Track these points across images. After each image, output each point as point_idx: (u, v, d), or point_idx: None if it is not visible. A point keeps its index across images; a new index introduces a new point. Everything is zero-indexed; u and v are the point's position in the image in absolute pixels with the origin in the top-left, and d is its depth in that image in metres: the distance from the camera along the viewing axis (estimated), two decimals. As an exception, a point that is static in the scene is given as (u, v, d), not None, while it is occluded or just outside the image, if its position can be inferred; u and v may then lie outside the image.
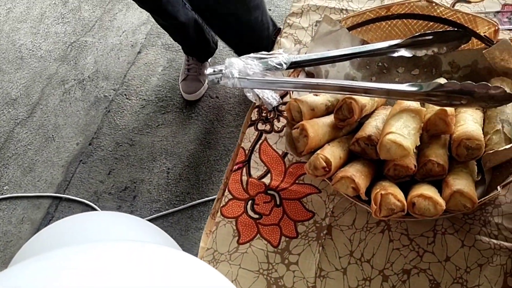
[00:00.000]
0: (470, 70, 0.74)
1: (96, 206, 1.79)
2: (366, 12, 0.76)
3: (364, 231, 0.69)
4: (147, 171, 1.84)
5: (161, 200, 1.78)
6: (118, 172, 1.86)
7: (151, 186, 1.81)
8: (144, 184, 1.83)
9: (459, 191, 0.57)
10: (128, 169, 1.85)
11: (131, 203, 1.80)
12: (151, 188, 1.80)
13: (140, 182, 1.83)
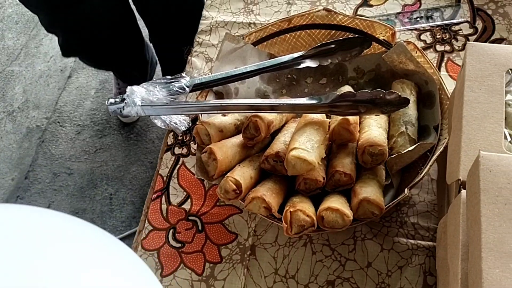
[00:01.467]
0: (374, 74, 0.76)
1: (39, 242, 1.71)
2: (269, 26, 0.76)
3: (287, 246, 0.69)
4: (88, 199, 1.78)
5: (106, 228, 1.72)
6: (58, 204, 1.78)
7: (94, 215, 1.75)
8: (87, 214, 1.76)
9: (366, 199, 0.58)
10: (69, 200, 1.78)
11: (75, 235, 1.73)
12: (94, 217, 1.74)
13: (82, 211, 1.77)
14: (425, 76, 0.68)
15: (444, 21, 0.81)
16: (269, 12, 0.89)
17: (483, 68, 0.54)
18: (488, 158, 0.43)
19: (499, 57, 0.54)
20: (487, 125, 0.51)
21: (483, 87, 0.53)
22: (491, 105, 0.52)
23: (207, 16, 0.90)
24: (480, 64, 0.54)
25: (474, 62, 0.54)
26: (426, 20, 0.82)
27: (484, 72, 0.54)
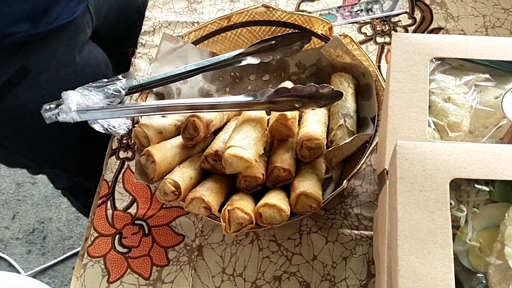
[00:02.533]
0: (316, 69, 0.76)
1: (5, 255, 1.67)
2: (208, 25, 0.75)
3: (234, 245, 0.68)
4: (54, 208, 1.75)
5: (73, 236, 1.70)
6: (23, 214, 1.75)
7: (60, 224, 1.72)
8: (53, 223, 1.74)
9: (303, 193, 0.58)
10: (34, 210, 1.75)
11: (41, 244, 1.70)
12: (60, 225, 1.71)
13: (48, 221, 1.74)
14: (362, 68, 0.69)
15: (384, 13, 0.82)
16: (213, 11, 0.88)
17: (408, 58, 0.55)
18: (405, 147, 0.44)
19: (423, 46, 0.55)
20: (412, 114, 0.51)
21: (407, 77, 0.53)
22: (415, 94, 0.52)
23: (150, 17, 0.89)
24: (405, 54, 0.55)
25: (399, 52, 0.55)
26: (366, 13, 0.83)
27: (408, 62, 0.54)
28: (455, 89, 0.53)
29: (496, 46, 0.53)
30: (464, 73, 0.55)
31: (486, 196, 0.43)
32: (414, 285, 0.38)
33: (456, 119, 0.51)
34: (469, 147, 0.43)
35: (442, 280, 0.38)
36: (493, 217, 0.41)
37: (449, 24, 0.80)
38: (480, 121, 0.52)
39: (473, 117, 0.52)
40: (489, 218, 0.42)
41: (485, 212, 0.42)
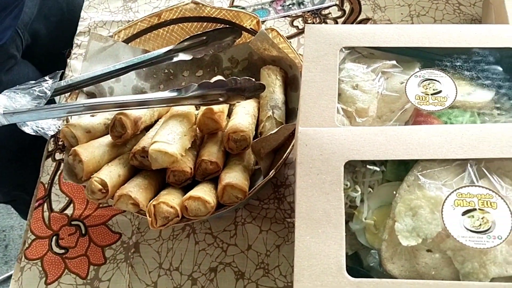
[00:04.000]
0: (248, 63, 0.77)
1: (-34, 267, 1.63)
2: (138, 23, 0.76)
3: (171, 240, 0.69)
4: (15, 216, 1.72)
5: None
6: (-15, 224, 1.71)
7: (22, 231, 1.69)
8: (15, 230, 1.71)
9: (229, 184, 0.59)
10: (-6, 218, 1.72)
11: (3, 253, 1.67)
12: (22, 233, 1.68)
13: (10, 228, 1.71)
14: (289, 60, 0.70)
15: (315, 6, 0.84)
16: (148, 9, 0.88)
17: (319, 48, 0.56)
18: (305, 133, 0.45)
19: (334, 36, 0.57)
20: (322, 102, 0.53)
21: (319, 67, 0.55)
22: (326, 83, 0.54)
23: (85, 17, 0.88)
24: (317, 45, 0.57)
25: (311, 43, 0.57)
26: (298, 6, 0.84)
27: (320, 52, 0.56)
28: (363, 77, 0.55)
29: (401, 34, 0.56)
30: (372, 61, 0.57)
31: (379, 176, 0.45)
32: (308, 263, 0.40)
33: (363, 105, 0.53)
34: (364, 131, 0.45)
35: (334, 257, 0.39)
36: (387, 196, 0.43)
37: (376, 14, 0.83)
38: (387, 106, 0.54)
39: (380, 102, 0.54)
40: (383, 197, 0.44)
41: (380, 191, 0.44)
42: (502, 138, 0.41)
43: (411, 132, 0.43)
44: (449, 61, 0.55)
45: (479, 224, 0.39)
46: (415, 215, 0.41)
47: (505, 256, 0.38)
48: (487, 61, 0.54)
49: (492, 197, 0.40)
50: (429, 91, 0.52)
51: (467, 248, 0.38)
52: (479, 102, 0.52)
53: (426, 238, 0.40)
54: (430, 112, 0.51)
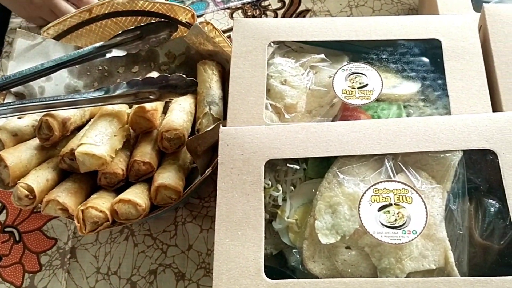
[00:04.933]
0: (185, 57, 0.75)
1: None
2: (68, 19, 0.72)
3: (108, 243, 0.67)
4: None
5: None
6: None
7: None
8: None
9: (162, 185, 0.58)
10: None
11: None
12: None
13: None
14: (225, 54, 0.69)
15: (255, -3, 0.83)
16: (82, 3, 0.84)
17: (248, 43, 0.55)
18: (227, 133, 0.44)
19: (262, 31, 0.56)
20: (250, 99, 0.52)
21: (247, 62, 0.54)
22: (254, 79, 0.53)
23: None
24: (245, 39, 0.55)
25: (239, 38, 0.56)
26: (238, -2, 0.83)
27: (248, 47, 0.55)
28: (292, 71, 0.54)
29: (329, 27, 0.55)
30: (301, 55, 0.56)
31: (301, 174, 0.44)
32: (227, 267, 0.39)
33: (291, 101, 0.52)
34: (285, 128, 0.44)
35: (253, 260, 0.39)
36: (309, 194, 0.43)
37: (316, 5, 0.82)
38: (316, 100, 0.54)
39: (310, 97, 0.54)
40: (305, 195, 0.43)
41: (302, 190, 0.44)
42: (418, 132, 0.42)
43: (330, 129, 0.43)
44: (375, 54, 0.55)
45: (395, 219, 0.39)
46: (334, 212, 0.41)
47: (421, 250, 0.39)
48: (412, 53, 0.54)
49: (408, 191, 0.40)
50: (355, 85, 0.52)
51: (383, 244, 0.39)
52: (404, 95, 0.52)
53: (345, 235, 0.40)
54: (356, 106, 0.51)
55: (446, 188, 0.41)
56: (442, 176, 0.41)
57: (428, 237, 0.39)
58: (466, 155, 0.42)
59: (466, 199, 0.41)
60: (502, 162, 0.39)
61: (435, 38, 0.53)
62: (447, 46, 0.52)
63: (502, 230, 0.39)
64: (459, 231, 0.40)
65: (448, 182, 0.41)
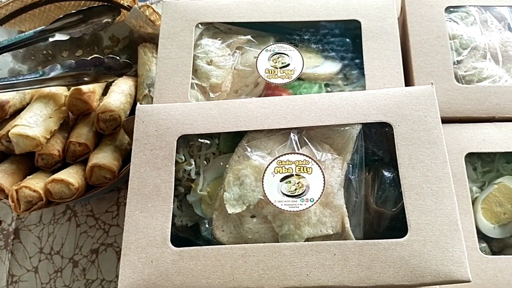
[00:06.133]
0: (128, 41, 0.76)
1: None
2: (10, 3, 0.72)
3: (52, 224, 0.69)
4: None
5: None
6: None
7: None
8: None
9: (96, 165, 0.59)
10: None
11: None
12: None
13: None
14: (164, 38, 0.70)
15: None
16: (27, -13, 0.84)
17: (176, 24, 0.56)
18: (143, 110, 0.46)
19: (190, 12, 0.57)
20: (177, 79, 0.54)
21: (174, 43, 0.55)
22: (181, 59, 0.54)
23: (-42, -3, 0.83)
24: (173, 21, 0.57)
25: (168, 20, 0.57)
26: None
27: (176, 28, 0.56)
28: (218, 52, 0.56)
29: (255, 9, 0.57)
30: (229, 36, 0.57)
31: (215, 149, 0.46)
32: (135, 237, 0.40)
33: (217, 80, 0.54)
34: (198, 106, 0.46)
35: (160, 230, 0.41)
36: (222, 168, 0.45)
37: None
38: (242, 80, 0.55)
39: (236, 77, 0.56)
40: (218, 169, 0.45)
41: (216, 164, 0.46)
42: (322, 107, 0.44)
43: (242, 105, 0.45)
44: (298, 34, 0.56)
45: (295, 188, 0.41)
46: (242, 184, 0.43)
47: (319, 217, 0.41)
48: (334, 34, 0.56)
49: (309, 163, 0.42)
50: (278, 65, 0.54)
51: (284, 212, 0.41)
52: (325, 74, 0.54)
53: (250, 205, 0.42)
54: (278, 85, 0.53)
55: (346, 159, 0.43)
56: (343, 148, 0.43)
57: (327, 204, 0.41)
58: (366, 128, 0.44)
59: (365, 169, 0.43)
60: (397, 134, 0.42)
61: (355, 19, 0.55)
62: (366, 26, 0.54)
63: (394, 198, 0.41)
64: (355, 199, 0.42)
65: (348, 153, 0.43)
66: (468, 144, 0.49)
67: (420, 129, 0.42)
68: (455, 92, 0.51)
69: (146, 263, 0.39)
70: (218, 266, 0.39)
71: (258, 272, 0.38)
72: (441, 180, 0.40)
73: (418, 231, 0.38)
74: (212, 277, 0.39)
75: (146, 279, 0.39)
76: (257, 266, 0.39)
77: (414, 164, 0.41)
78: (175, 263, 0.39)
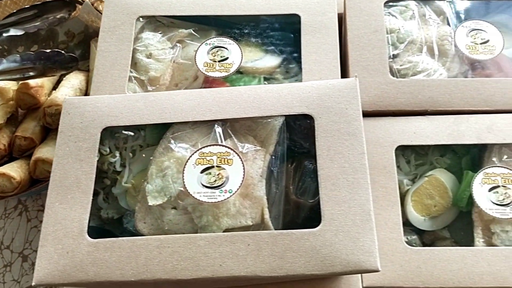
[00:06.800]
0: (84, 36, 0.76)
1: None
2: (-39, -3, 0.72)
3: (2, 219, 0.68)
4: None
5: None
6: None
7: None
8: None
9: (39, 159, 0.59)
10: None
11: None
12: None
13: None
14: (116, 32, 0.70)
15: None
16: (-14, -18, 0.84)
17: (117, 18, 0.56)
18: (70, 102, 0.46)
19: (132, 6, 0.57)
20: (115, 72, 0.54)
21: (114, 36, 0.55)
22: (120, 52, 0.55)
23: None
24: (114, 14, 0.57)
25: (109, 13, 0.57)
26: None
27: (117, 22, 0.56)
28: (158, 45, 0.56)
29: (197, 3, 0.57)
30: (170, 30, 0.58)
31: (140, 141, 0.46)
32: (53, 228, 0.41)
33: (155, 74, 0.54)
34: (125, 98, 0.46)
35: (78, 221, 0.41)
36: (147, 160, 0.45)
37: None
38: (182, 74, 0.55)
39: (176, 70, 0.56)
40: (144, 161, 0.45)
41: (142, 156, 0.46)
42: (248, 100, 0.44)
43: (168, 97, 0.45)
44: (239, 28, 0.56)
45: (215, 180, 0.41)
46: (164, 176, 0.43)
47: (238, 208, 0.41)
48: (274, 28, 0.56)
49: (230, 154, 0.42)
50: (216, 58, 0.54)
51: (203, 203, 0.41)
52: (263, 68, 0.55)
53: (171, 197, 0.42)
54: (216, 78, 0.53)
55: (269, 151, 0.43)
56: (266, 140, 0.43)
57: (247, 196, 0.41)
58: (291, 121, 0.45)
59: (288, 161, 0.44)
60: (317, 125, 0.42)
61: (295, 13, 0.55)
62: (306, 21, 0.54)
63: (314, 189, 0.41)
64: (276, 190, 0.42)
65: (271, 145, 0.43)
66: (399, 137, 0.49)
67: (341, 121, 0.42)
68: (389, 86, 0.52)
69: (62, 254, 0.39)
70: (133, 257, 0.39)
71: (172, 263, 0.38)
72: (358, 171, 0.40)
73: (331, 221, 0.39)
74: (126, 268, 0.39)
75: (61, 270, 0.39)
76: (171, 257, 0.39)
77: (332, 156, 0.41)
78: (90, 254, 0.39)
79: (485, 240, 0.46)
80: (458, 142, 0.49)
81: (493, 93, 0.51)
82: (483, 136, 0.49)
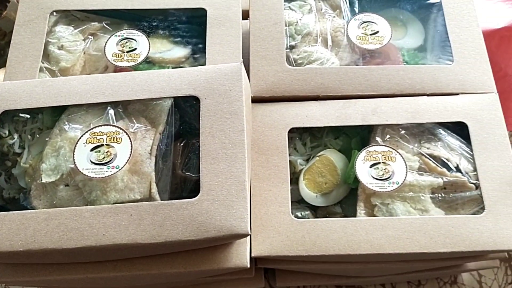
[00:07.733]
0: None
1: None
2: None
3: None
4: None
5: None
6: None
7: None
8: None
9: None
10: None
11: None
12: None
13: None
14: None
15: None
16: None
17: (31, 12, 0.59)
18: (-28, 88, 0.48)
19: (46, 0, 0.59)
20: (26, 63, 0.56)
21: (28, 30, 0.58)
22: (32, 45, 0.57)
23: None
24: (29, 9, 0.59)
25: (24, 8, 0.59)
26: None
27: (31, 16, 0.59)
28: (70, 38, 0.58)
29: (109, -3, 0.60)
30: (83, 23, 0.60)
31: (40, 124, 0.48)
32: None
33: (66, 64, 0.57)
34: (25, 83, 0.48)
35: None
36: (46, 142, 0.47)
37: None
38: (93, 65, 0.58)
39: (88, 61, 0.58)
40: (43, 143, 0.47)
41: (41, 139, 0.48)
42: (140, 84, 0.47)
43: (65, 82, 0.47)
44: (148, 21, 0.60)
45: (103, 157, 0.44)
46: (58, 155, 0.45)
47: (126, 183, 0.44)
48: (181, 21, 0.60)
49: (119, 133, 0.45)
50: (125, 49, 0.57)
51: (92, 179, 0.43)
52: (171, 58, 0.58)
53: (63, 174, 0.44)
54: (124, 67, 0.56)
55: (159, 130, 0.46)
56: (156, 120, 0.46)
57: (135, 172, 0.44)
58: (182, 102, 0.48)
59: (177, 140, 0.47)
60: (203, 106, 0.45)
61: (202, 8, 0.59)
62: (211, 14, 0.58)
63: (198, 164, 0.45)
64: (163, 166, 0.45)
65: (160, 125, 0.46)
66: (292, 120, 0.53)
67: (224, 102, 0.45)
68: (285, 74, 0.55)
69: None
70: (22, 229, 0.41)
71: (59, 233, 0.41)
72: (236, 146, 0.43)
73: (209, 191, 0.42)
74: (15, 239, 0.41)
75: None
76: (58, 228, 0.41)
77: (214, 133, 0.44)
78: (-20, 228, 0.41)
79: (366, 212, 0.50)
80: (345, 123, 0.53)
81: (379, 79, 0.55)
82: (367, 118, 0.53)
